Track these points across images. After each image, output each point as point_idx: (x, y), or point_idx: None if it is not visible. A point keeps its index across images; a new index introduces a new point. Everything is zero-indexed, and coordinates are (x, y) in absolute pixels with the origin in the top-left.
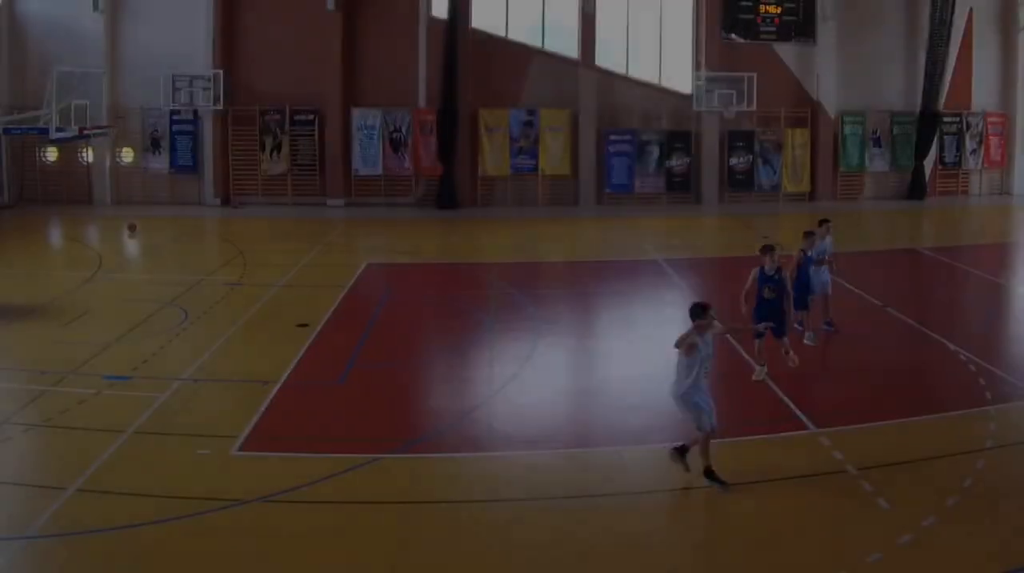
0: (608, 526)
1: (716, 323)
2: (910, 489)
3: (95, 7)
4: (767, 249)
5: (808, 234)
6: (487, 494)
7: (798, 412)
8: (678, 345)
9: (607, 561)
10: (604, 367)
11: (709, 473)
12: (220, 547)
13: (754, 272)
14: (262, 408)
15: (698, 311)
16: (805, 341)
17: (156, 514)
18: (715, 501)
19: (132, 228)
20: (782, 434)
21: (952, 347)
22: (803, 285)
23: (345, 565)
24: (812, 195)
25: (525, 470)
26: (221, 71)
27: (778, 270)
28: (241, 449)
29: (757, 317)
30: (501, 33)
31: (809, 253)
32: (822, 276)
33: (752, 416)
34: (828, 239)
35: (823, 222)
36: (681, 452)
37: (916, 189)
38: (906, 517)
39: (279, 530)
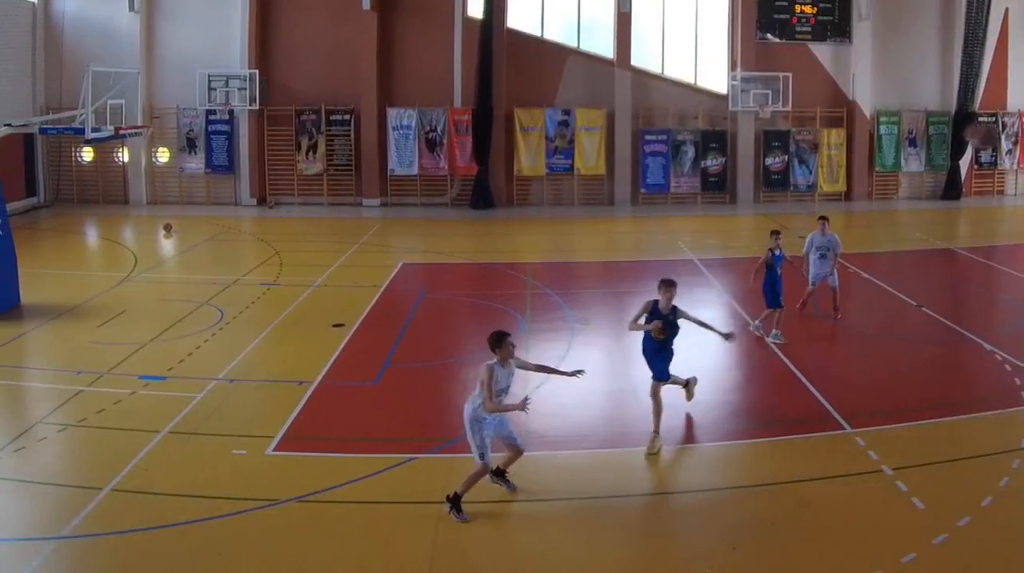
0: (643, 527)
1: (519, 359)
2: (945, 489)
3: (131, 7)
4: (666, 284)
5: (775, 233)
6: (523, 494)
7: (834, 412)
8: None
9: (642, 561)
10: (639, 367)
11: (456, 500)
12: (255, 547)
13: (648, 304)
14: (297, 408)
15: (497, 340)
16: (770, 339)
17: (191, 514)
18: (752, 502)
19: (168, 228)
20: (817, 434)
21: (988, 347)
22: (771, 284)
23: (381, 565)
24: (848, 195)
25: (560, 470)
26: (256, 71)
27: (673, 310)
28: (276, 449)
29: (646, 357)
30: (537, 32)
31: (777, 252)
32: (824, 268)
33: (788, 416)
34: (831, 235)
35: (821, 218)
36: (499, 474)
37: (951, 189)
38: (941, 517)
39: (314, 530)
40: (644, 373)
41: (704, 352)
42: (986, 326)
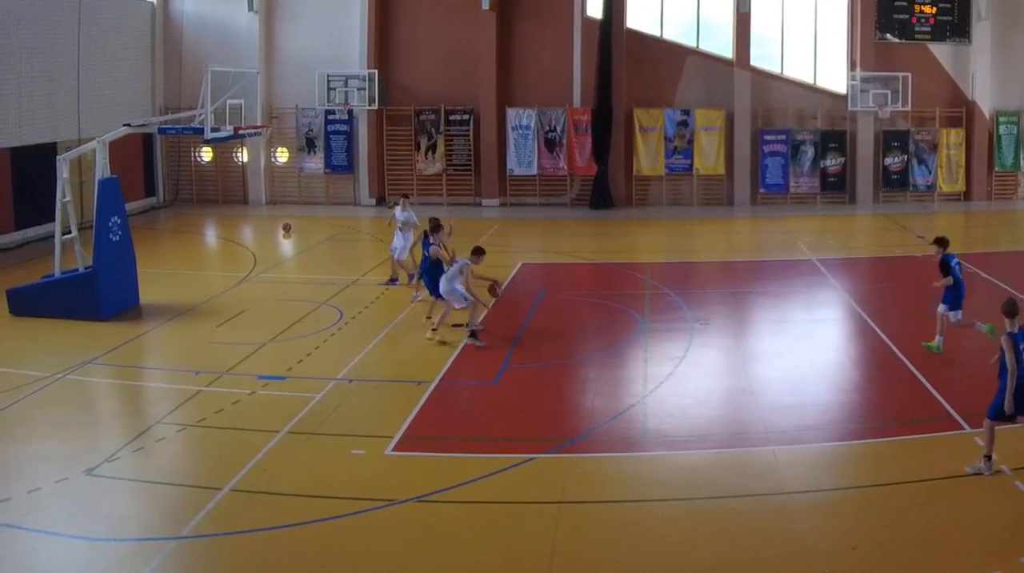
0: (762, 527)
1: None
2: None
3: (250, 7)
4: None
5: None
6: (641, 494)
7: (952, 412)
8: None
9: (761, 561)
10: (758, 367)
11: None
12: (374, 547)
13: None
14: (416, 408)
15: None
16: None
17: (310, 514)
18: (869, 501)
19: (287, 228)
20: (935, 434)
21: None
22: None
23: (499, 565)
24: (967, 195)
25: (679, 470)
26: (376, 71)
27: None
28: (395, 449)
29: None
30: (656, 33)
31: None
32: (405, 241)
33: (907, 416)
34: (409, 211)
35: (403, 197)
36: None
37: None
38: None
39: (433, 530)
40: (762, 373)
41: (823, 353)
42: None
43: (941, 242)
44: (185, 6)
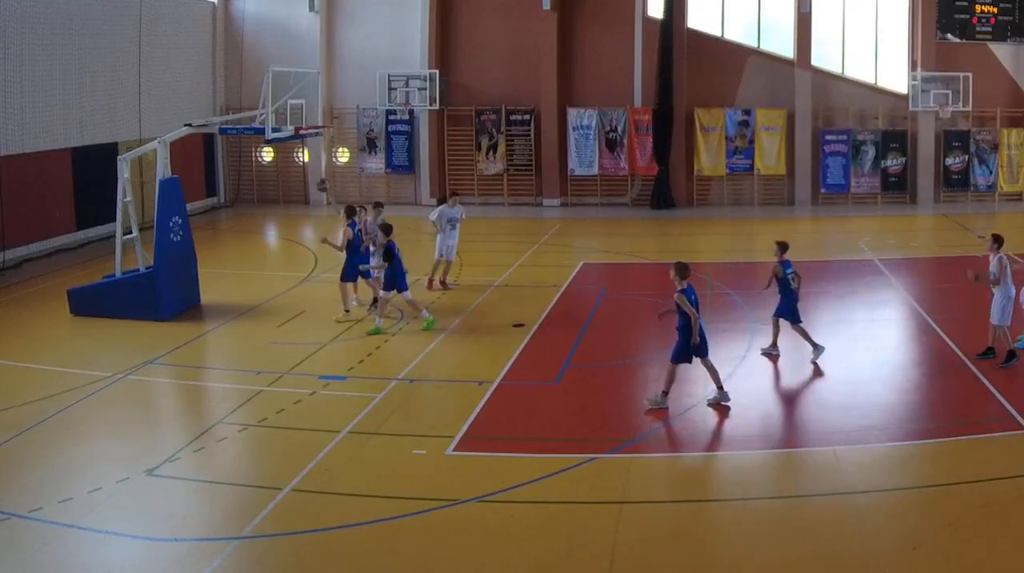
0: (822, 527)
1: None
2: None
3: (311, 7)
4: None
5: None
6: (701, 494)
7: (1014, 412)
8: None
9: (821, 561)
10: (818, 367)
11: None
12: (435, 547)
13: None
14: (477, 408)
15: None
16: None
17: (371, 514)
18: (931, 501)
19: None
20: (998, 434)
21: None
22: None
23: (560, 565)
24: None
25: (740, 470)
26: (437, 71)
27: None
28: (456, 449)
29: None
30: (717, 32)
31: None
32: (449, 241)
33: (968, 416)
34: (460, 208)
35: (453, 194)
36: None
37: None
38: None
39: (494, 530)
40: (821, 372)
41: (883, 353)
42: None
43: None
44: (246, 6)
